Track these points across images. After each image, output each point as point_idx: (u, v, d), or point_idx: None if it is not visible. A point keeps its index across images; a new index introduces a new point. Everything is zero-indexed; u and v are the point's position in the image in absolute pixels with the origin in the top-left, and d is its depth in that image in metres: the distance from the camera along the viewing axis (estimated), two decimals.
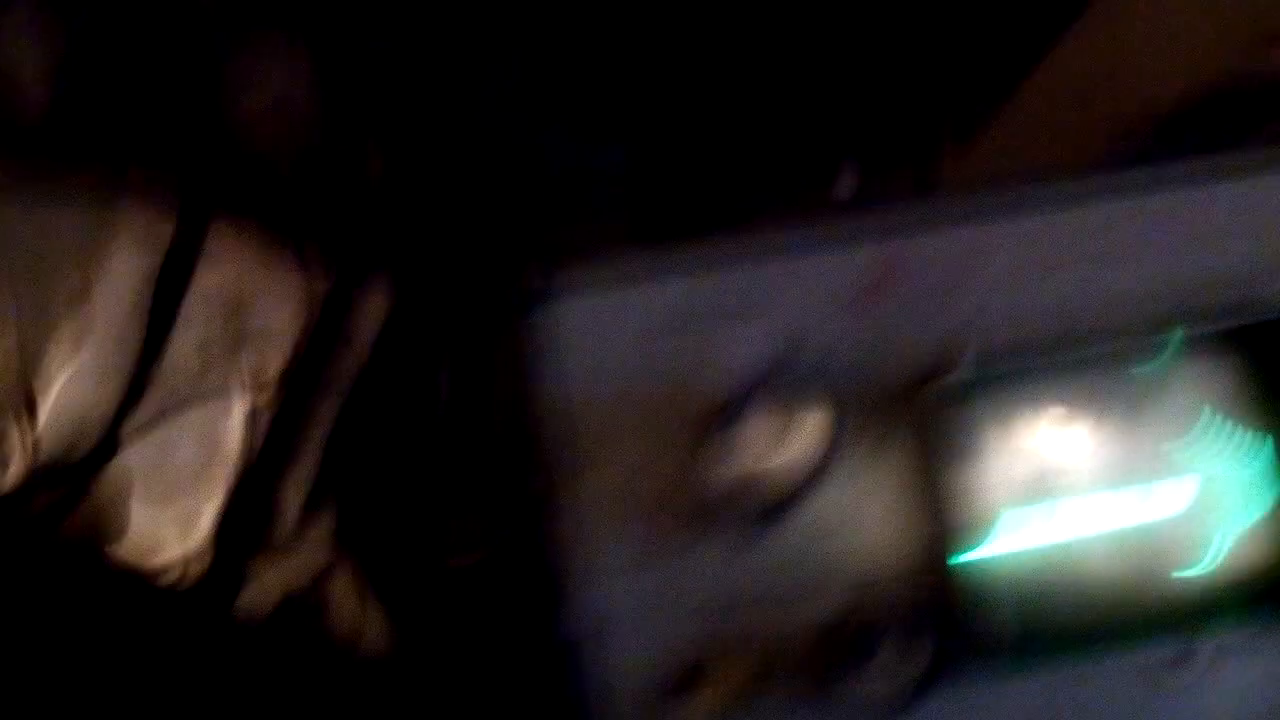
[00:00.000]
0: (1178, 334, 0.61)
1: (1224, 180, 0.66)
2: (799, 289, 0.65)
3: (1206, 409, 0.65)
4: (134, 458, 1.09)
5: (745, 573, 0.63)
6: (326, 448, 1.14)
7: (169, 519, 1.08)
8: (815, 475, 0.60)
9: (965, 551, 0.64)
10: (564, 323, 0.64)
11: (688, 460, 0.61)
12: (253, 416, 1.08)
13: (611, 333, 0.64)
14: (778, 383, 0.62)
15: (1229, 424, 0.65)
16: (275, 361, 1.08)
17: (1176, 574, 0.65)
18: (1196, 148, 0.65)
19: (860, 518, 0.63)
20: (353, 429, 1.15)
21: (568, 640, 0.62)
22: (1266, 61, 0.71)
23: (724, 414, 0.60)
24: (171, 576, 1.09)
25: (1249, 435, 0.64)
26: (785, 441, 0.60)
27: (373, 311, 1.13)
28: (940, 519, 0.59)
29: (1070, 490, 0.65)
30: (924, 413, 0.61)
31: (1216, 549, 0.65)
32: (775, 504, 0.60)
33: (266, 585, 1.17)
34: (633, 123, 1.47)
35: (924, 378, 0.63)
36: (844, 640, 0.61)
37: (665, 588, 0.62)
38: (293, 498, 1.15)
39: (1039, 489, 0.65)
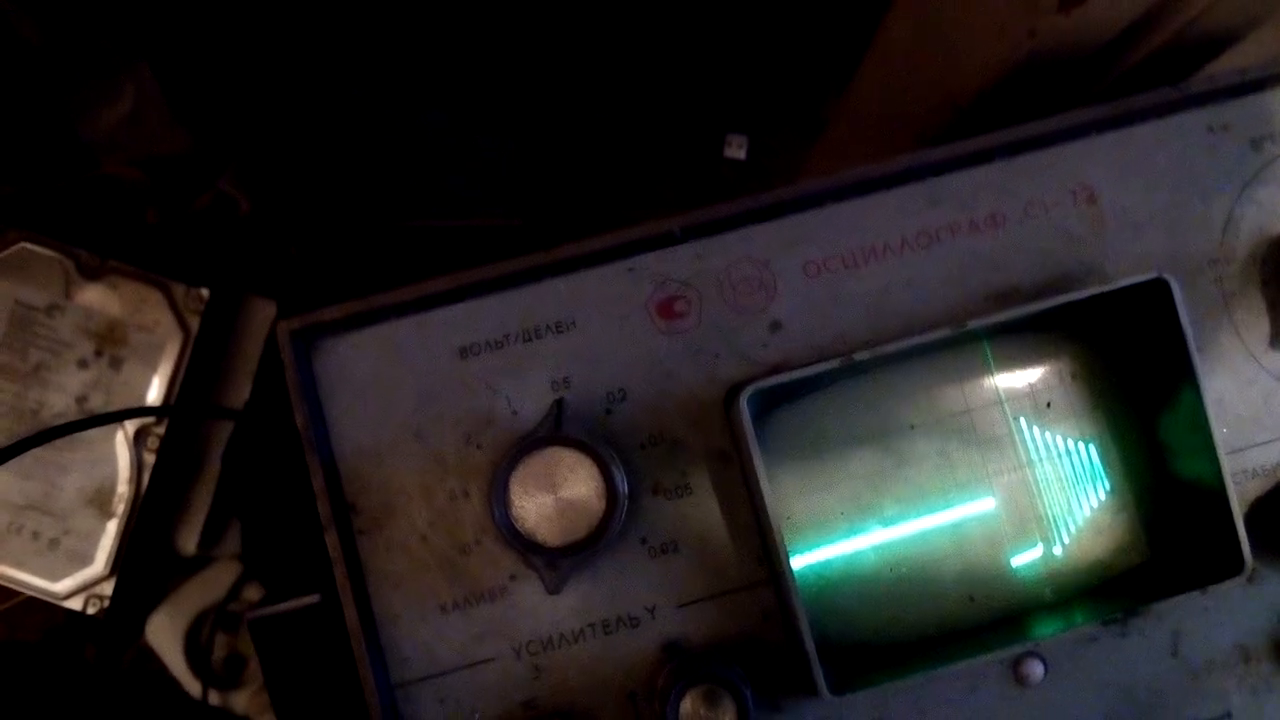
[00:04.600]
0: (989, 321, 0.57)
1: (1039, 148, 0.63)
2: (596, 308, 0.62)
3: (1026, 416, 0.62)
4: (22, 488, 1.08)
5: (566, 608, 0.61)
6: (225, 467, 1.13)
7: (65, 546, 1.07)
8: (616, 501, 0.57)
9: (799, 555, 0.62)
10: (349, 359, 0.61)
11: (487, 501, 0.58)
12: (139, 439, 1.06)
13: (401, 366, 0.61)
14: (572, 418, 0.59)
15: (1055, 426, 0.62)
16: (155, 385, 1.07)
17: (1015, 563, 0.62)
18: (1007, 119, 0.62)
19: (685, 534, 0.61)
20: (250, 449, 1.14)
21: (395, 683, 0.61)
22: (1056, 24, 0.67)
23: (521, 450, 0.58)
24: (76, 603, 1.08)
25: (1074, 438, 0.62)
26: (581, 475, 0.58)
27: (254, 336, 1.11)
28: (770, 527, 0.57)
29: (898, 490, 0.62)
30: (739, 422, 0.58)
31: (1053, 540, 0.62)
32: (583, 536, 0.58)
33: (179, 604, 1.16)
34: (520, 108, 1.44)
35: (735, 385, 0.61)
36: (674, 667, 0.59)
37: (485, 629, 0.60)
38: (195, 517, 1.14)
39: (868, 490, 0.62)
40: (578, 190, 1.39)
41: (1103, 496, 0.63)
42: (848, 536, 0.63)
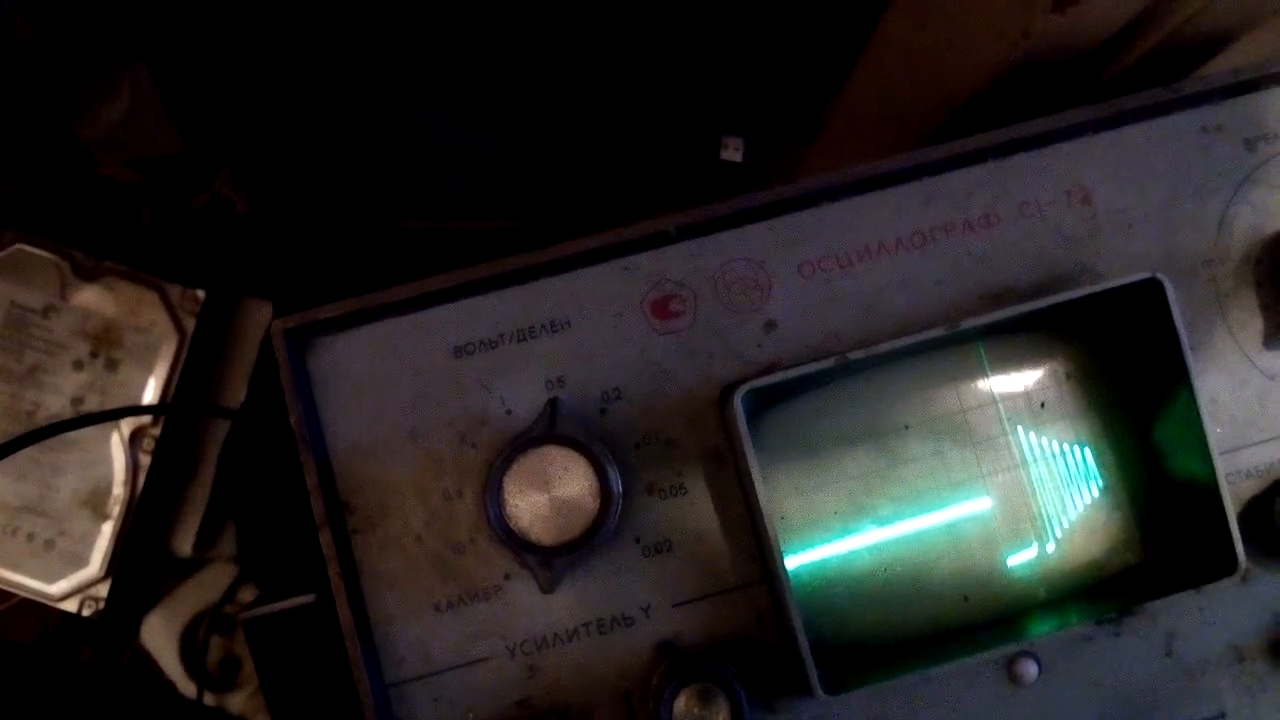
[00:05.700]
0: (983, 321, 0.57)
1: (1034, 148, 0.63)
2: (591, 307, 0.62)
3: (1020, 416, 0.62)
4: (17, 489, 1.08)
5: (560, 607, 0.61)
6: (221, 469, 1.13)
7: (60, 547, 1.07)
8: (611, 500, 0.57)
9: (794, 554, 0.61)
10: (344, 358, 0.61)
11: (481, 500, 0.58)
12: (134, 441, 1.06)
13: (396, 364, 0.61)
14: (567, 417, 0.59)
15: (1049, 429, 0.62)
16: (151, 387, 1.07)
17: (1010, 563, 0.62)
18: (1003, 119, 0.62)
19: (680, 533, 0.61)
20: (246, 450, 1.14)
21: (389, 683, 0.60)
22: (1051, 24, 0.68)
23: (515, 449, 0.58)
24: (71, 605, 1.08)
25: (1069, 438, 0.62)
26: (575, 474, 0.58)
27: (250, 337, 1.11)
28: (765, 526, 0.57)
29: (893, 490, 0.62)
30: (733, 421, 0.58)
31: (1047, 540, 0.62)
32: (577, 535, 0.58)
33: (174, 606, 1.16)
34: (518, 109, 1.45)
35: (730, 384, 0.61)
36: (668, 666, 0.59)
37: (479, 629, 0.60)
38: (191, 519, 1.14)
39: (862, 490, 0.62)
40: (575, 192, 1.39)
41: (1097, 496, 0.63)
42: (842, 536, 0.63)
